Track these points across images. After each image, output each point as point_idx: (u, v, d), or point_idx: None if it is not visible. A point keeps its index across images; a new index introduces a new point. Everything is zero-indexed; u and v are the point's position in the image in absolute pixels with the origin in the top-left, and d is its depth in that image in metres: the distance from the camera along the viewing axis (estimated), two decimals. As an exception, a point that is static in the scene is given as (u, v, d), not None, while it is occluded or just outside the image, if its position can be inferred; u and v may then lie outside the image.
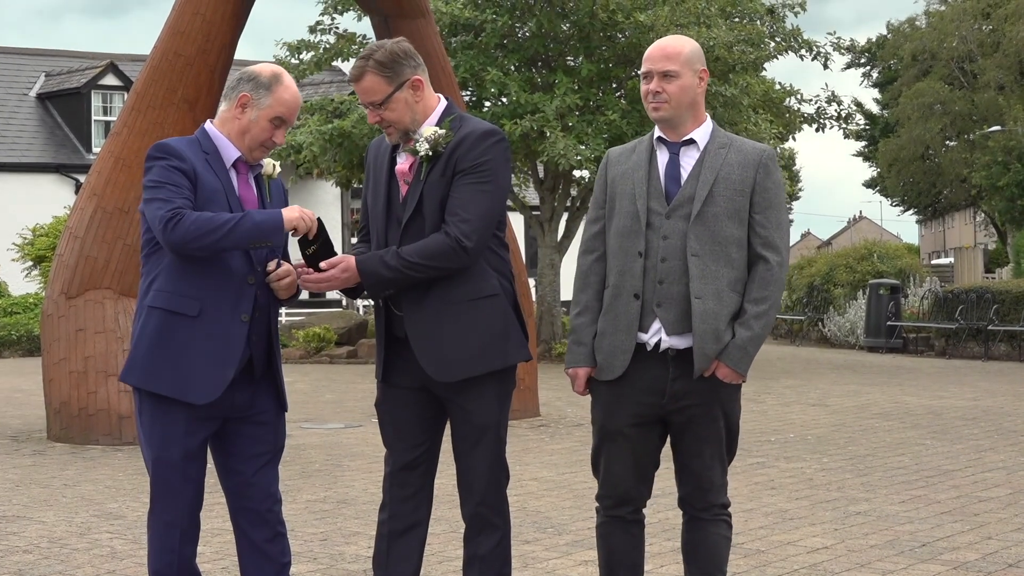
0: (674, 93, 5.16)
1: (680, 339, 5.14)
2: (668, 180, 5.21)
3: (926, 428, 13.54)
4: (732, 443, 5.34)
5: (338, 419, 14.54)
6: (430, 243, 5.15)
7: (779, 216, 5.20)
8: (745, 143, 5.25)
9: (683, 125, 5.23)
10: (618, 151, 5.40)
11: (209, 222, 4.88)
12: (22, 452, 11.92)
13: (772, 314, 5.17)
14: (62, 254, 12.72)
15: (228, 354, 5.03)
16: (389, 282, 5.16)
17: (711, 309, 5.09)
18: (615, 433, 5.26)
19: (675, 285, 5.12)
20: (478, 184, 5.19)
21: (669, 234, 5.14)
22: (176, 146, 5.07)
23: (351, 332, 25.43)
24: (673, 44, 5.22)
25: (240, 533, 5.25)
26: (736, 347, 5.11)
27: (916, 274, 29.49)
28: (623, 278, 5.20)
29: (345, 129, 21.59)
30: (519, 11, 21.78)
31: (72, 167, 37.38)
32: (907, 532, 8.13)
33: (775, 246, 5.17)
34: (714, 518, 5.30)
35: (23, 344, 25.99)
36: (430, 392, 5.32)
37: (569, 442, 12.40)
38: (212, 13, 12.50)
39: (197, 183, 5.00)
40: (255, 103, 5.10)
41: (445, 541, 7.80)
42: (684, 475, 5.31)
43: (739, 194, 5.14)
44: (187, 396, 4.99)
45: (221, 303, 5.03)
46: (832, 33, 25.82)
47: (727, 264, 5.13)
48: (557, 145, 20.15)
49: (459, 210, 5.16)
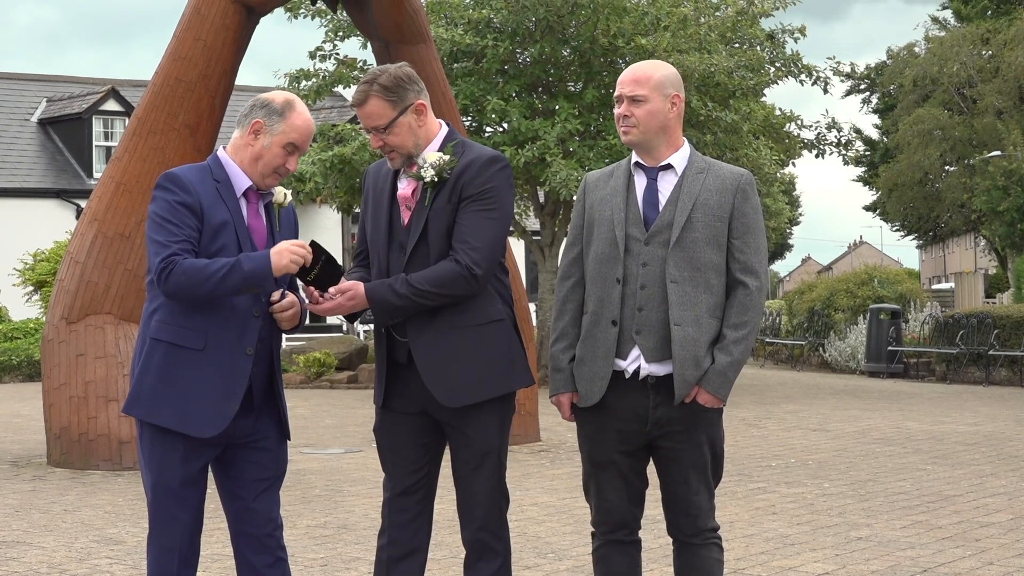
0: (642, 117, 5.16)
1: (660, 366, 5.13)
2: (646, 206, 5.20)
3: (927, 453, 13.52)
4: (718, 467, 5.34)
5: (338, 444, 14.52)
6: (440, 271, 5.15)
7: (757, 241, 5.20)
8: (723, 168, 5.25)
9: (657, 150, 5.22)
10: (595, 176, 5.38)
11: (199, 273, 4.88)
12: (22, 477, 11.90)
13: (751, 339, 5.17)
14: (63, 279, 12.73)
15: (232, 388, 5.03)
16: (398, 310, 5.16)
17: (690, 336, 5.09)
18: (605, 462, 5.27)
19: (655, 312, 5.11)
20: (485, 211, 5.19)
21: (648, 261, 5.13)
22: (185, 178, 5.05)
23: (351, 357, 25.42)
24: (644, 69, 5.23)
25: (241, 558, 5.24)
26: (716, 373, 5.10)
27: (917, 299, 29.49)
28: (601, 305, 5.19)
29: (346, 156, 21.62)
30: (520, 37, 21.83)
31: (73, 192, 37.42)
32: (908, 558, 8.11)
33: (754, 271, 5.17)
34: (705, 542, 5.29)
35: (23, 369, 25.98)
36: (429, 417, 5.32)
37: (570, 467, 12.38)
38: (213, 39, 12.54)
39: (204, 216, 5.00)
40: (268, 129, 5.10)
41: (445, 567, 7.78)
42: (671, 502, 5.30)
43: (718, 220, 5.14)
44: (190, 429, 4.99)
45: (226, 336, 5.02)
46: (832, 58, 25.87)
47: (706, 290, 5.12)
48: (559, 174, 20.18)
49: (468, 237, 5.16)
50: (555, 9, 20.98)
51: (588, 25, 21.29)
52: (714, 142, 21.79)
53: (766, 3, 22.99)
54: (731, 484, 10.94)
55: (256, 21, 12.87)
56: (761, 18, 23.27)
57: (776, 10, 23.17)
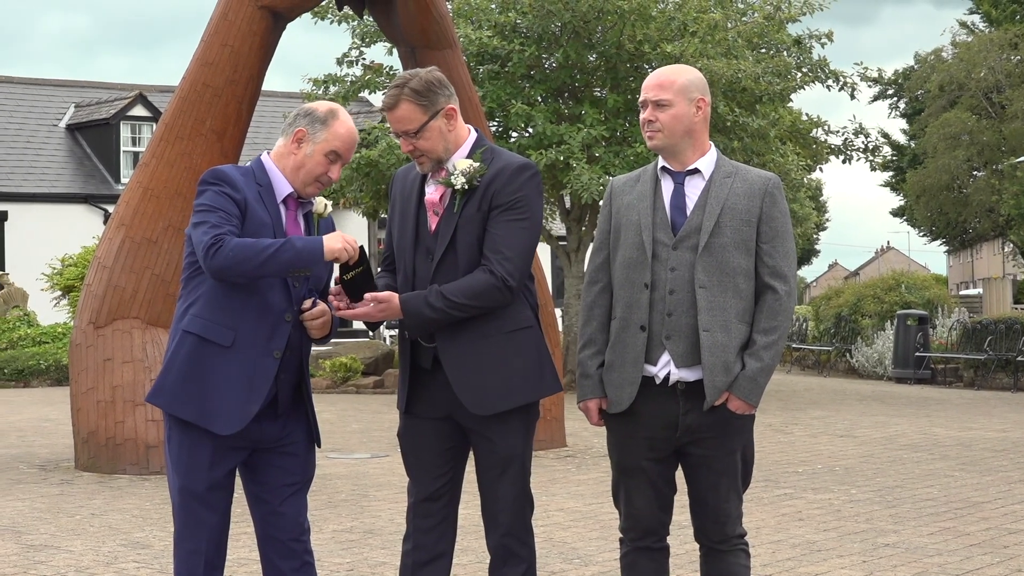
0: (666, 122, 5.15)
1: (689, 371, 5.12)
2: (674, 211, 5.18)
3: (955, 459, 13.46)
4: (747, 474, 5.32)
5: (364, 449, 14.54)
6: (474, 283, 5.14)
7: (786, 245, 5.18)
8: (750, 172, 5.23)
9: (683, 154, 5.21)
10: (622, 180, 5.37)
11: (250, 248, 4.89)
12: (50, 481, 11.95)
13: (781, 344, 5.15)
14: (90, 284, 12.78)
15: (255, 388, 5.04)
16: (431, 322, 5.16)
17: (720, 341, 5.07)
18: (633, 469, 5.25)
19: (683, 317, 5.10)
20: (517, 220, 5.19)
21: (676, 265, 5.12)
22: (231, 174, 5.09)
23: (378, 362, 25.45)
24: (668, 74, 5.21)
25: (268, 562, 5.26)
26: (746, 378, 5.09)
27: (944, 305, 29.36)
28: (630, 310, 5.17)
29: (372, 158, 21.62)
30: (546, 42, 21.82)
31: (101, 197, 37.58)
32: (936, 564, 8.07)
33: (783, 275, 5.15)
34: (732, 548, 5.28)
35: (52, 373, 26.08)
36: (453, 422, 5.31)
37: (596, 473, 12.37)
38: (240, 44, 12.57)
39: (247, 214, 5.03)
40: (311, 137, 5.12)
41: (471, 572, 7.78)
42: (700, 508, 5.29)
43: (746, 224, 5.12)
44: (210, 425, 5.01)
45: (255, 336, 5.04)
46: (859, 63, 25.81)
47: (735, 295, 5.11)
48: (582, 177, 20.16)
49: (502, 247, 5.15)
50: (581, 14, 20.96)
51: (614, 31, 21.27)
52: (741, 148, 21.74)
53: (793, 8, 22.94)
54: (758, 490, 10.91)
55: (283, 26, 12.90)
56: (788, 23, 23.22)
57: (803, 15, 23.11)
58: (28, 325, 29.56)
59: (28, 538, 9.09)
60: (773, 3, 22.90)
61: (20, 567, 8.11)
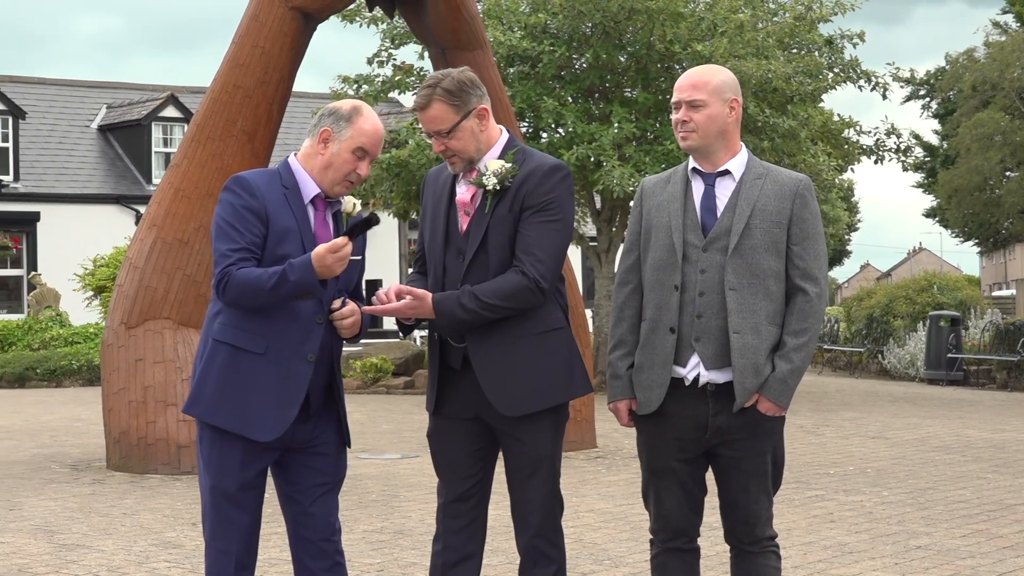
0: (701, 122, 5.13)
1: (719, 373, 5.10)
2: (704, 212, 5.17)
3: (988, 461, 13.39)
4: (778, 476, 5.30)
5: (395, 449, 14.55)
6: (506, 284, 5.14)
7: (817, 247, 5.16)
8: (781, 173, 5.20)
9: (715, 155, 5.19)
10: (652, 181, 5.35)
11: (251, 286, 4.92)
12: (82, 481, 12.00)
13: (812, 346, 5.13)
14: (122, 284, 12.82)
15: (292, 393, 5.05)
16: (463, 323, 5.15)
17: (750, 343, 5.05)
18: (663, 470, 5.24)
19: (713, 319, 5.08)
20: (549, 222, 5.19)
21: (707, 267, 5.10)
22: (253, 182, 5.08)
23: (408, 362, 25.47)
24: (701, 74, 5.19)
25: (299, 563, 5.27)
26: (777, 380, 5.07)
27: (977, 306, 29.22)
28: (659, 312, 5.16)
29: (402, 159, 21.64)
30: (576, 43, 21.80)
31: (132, 198, 37.76)
32: (968, 567, 8.03)
33: (814, 277, 5.13)
34: (763, 550, 5.26)
35: (83, 373, 26.19)
36: (483, 423, 5.31)
37: (626, 474, 12.35)
38: (271, 46, 12.60)
39: (269, 221, 5.02)
40: (336, 136, 5.11)
41: (501, 573, 7.77)
42: (730, 510, 5.27)
43: (776, 226, 5.10)
44: (249, 432, 5.02)
45: (288, 342, 5.04)
46: (891, 63, 25.67)
47: (765, 297, 5.09)
48: (613, 173, 20.13)
49: (534, 249, 5.15)
50: (611, 15, 20.94)
51: (644, 31, 21.24)
52: (771, 148, 21.66)
53: (824, 9, 22.85)
54: (789, 491, 10.87)
55: (313, 27, 12.92)
56: (820, 23, 23.13)
57: (835, 15, 23.02)
58: (60, 325, 29.71)
59: (60, 537, 9.13)
60: (804, 3, 22.81)
61: (52, 566, 8.15)
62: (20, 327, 29.71)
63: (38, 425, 17.41)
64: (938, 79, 51.24)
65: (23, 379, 26.11)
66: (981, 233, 53.94)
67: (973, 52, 47.55)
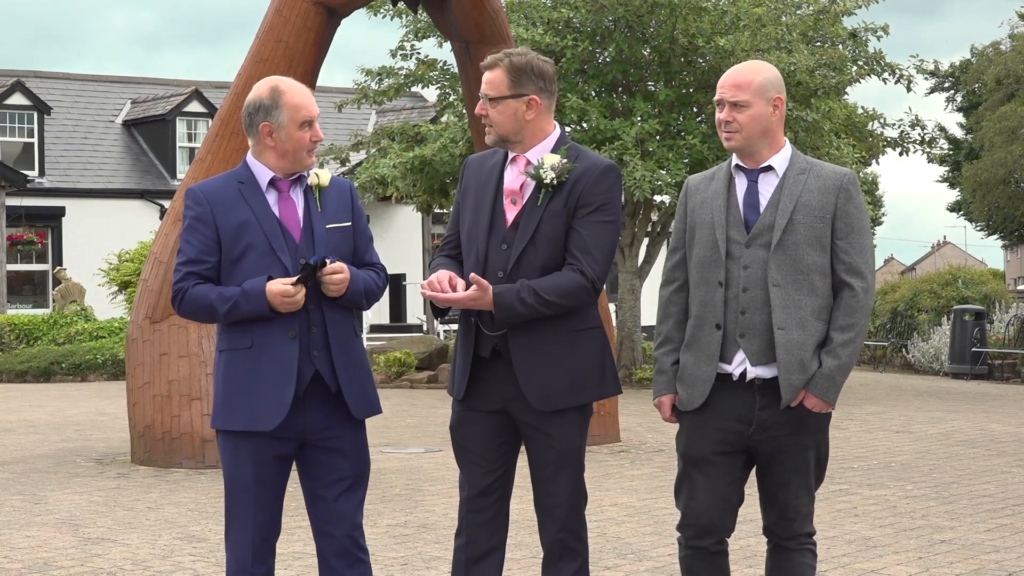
0: (744, 123, 5.11)
1: (765, 369, 5.09)
2: (747, 208, 5.15)
3: (1012, 456, 13.35)
4: (820, 472, 5.29)
5: (418, 444, 14.57)
6: (565, 281, 5.16)
7: (862, 241, 5.13)
8: (825, 167, 5.18)
9: (759, 152, 5.17)
10: (697, 179, 5.35)
11: (206, 309, 5.13)
12: (107, 475, 12.05)
13: (859, 341, 5.09)
14: (147, 279, 12.87)
15: (283, 375, 5.10)
16: (520, 316, 5.15)
17: (795, 339, 5.03)
18: (699, 460, 5.20)
19: (758, 315, 5.07)
20: (604, 222, 5.22)
21: (750, 263, 5.09)
22: (199, 190, 5.22)
23: (431, 357, 25.47)
24: (745, 73, 5.15)
25: (322, 558, 5.29)
26: (824, 376, 5.05)
27: (1002, 300, 29.09)
28: (705, 309, 5.16)
29: (426, 157, 21.70)
30: (599, 37, 21.79)
31: (157, 193, 37.85)
32: (993, 561, 8.01)
33: (860, 272, 5.10)
34: (800, 547, 5.25)
35: (108, 368, 26.28)
36: (507, 415, 5.31)
37: (650, 468, 12.35)
38: (295, 40, 12.62)
39: (217, 224, 5.13)
40: (276, 124, 5.14)
41: (524, 567, 7.78)
42: (770, 505, 5.25)
43: (820, 220, 5.08)
44: (257, 425, 5.11)
45: (270, 328, 5.13)
46: (915, 56, 25.57)
47: (810, 292, 5.07)
48: (635, 174, 20.11)
49: (592, 249, 5.19)
50: (634, 9, 20.91)
51: (667, 25, 21.20)
52: (795, 141, 21.62)
53: (848, 2, 22.78)
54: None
55: (337, 22, 12.94)
56: (843, 16, 23.06)
57: (859, 8, 22.94)
58: (85, 320, 29.82)
59: (85, 531, 9.18)
60: (828, -4, 22.75)
61: (77, 560, 8.19)
62: (45, 321, 29.84)
63: (63, 419, 17.49)
64: (963, 72, 51.05)
65: (48, 373, 26.21)
66: (1006, 227, 53.70)
67: (999, 44, 47.35)
